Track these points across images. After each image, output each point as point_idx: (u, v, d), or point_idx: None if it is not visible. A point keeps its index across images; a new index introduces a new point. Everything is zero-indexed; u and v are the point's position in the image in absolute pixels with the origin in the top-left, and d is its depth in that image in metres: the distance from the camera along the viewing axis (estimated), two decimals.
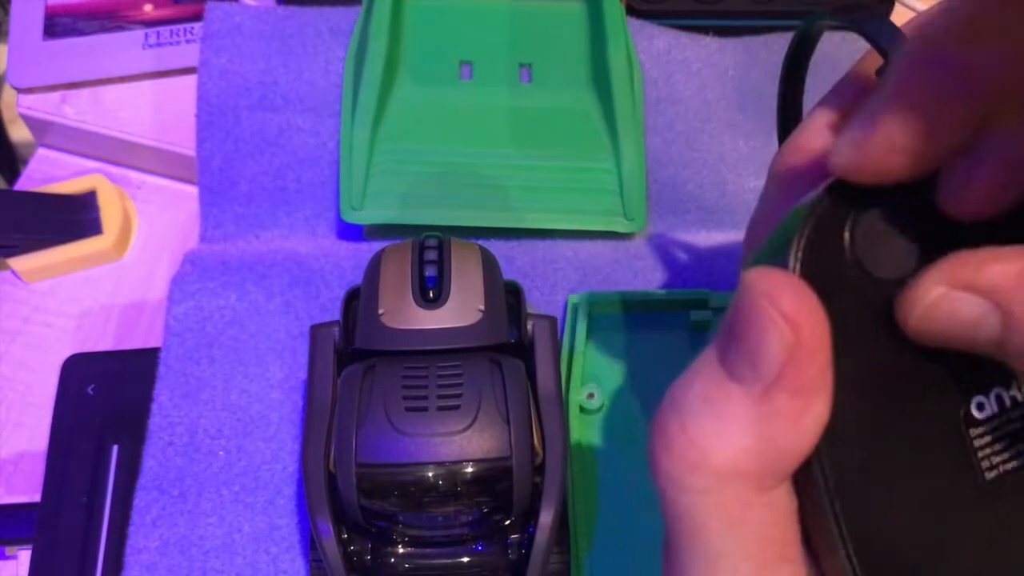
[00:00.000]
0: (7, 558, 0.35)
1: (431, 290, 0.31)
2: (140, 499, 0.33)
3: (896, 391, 0.18)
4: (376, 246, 0.33)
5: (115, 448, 0.35)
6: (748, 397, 0.16)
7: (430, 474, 0.28)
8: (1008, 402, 0.18)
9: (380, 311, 0.30)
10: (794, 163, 0.23)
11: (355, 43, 0.41)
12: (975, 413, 0.18)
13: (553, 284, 0.38)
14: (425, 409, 0.28)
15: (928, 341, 0.17)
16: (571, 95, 0.41)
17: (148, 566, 0.32)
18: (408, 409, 0.28)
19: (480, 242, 0.34)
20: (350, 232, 0.40)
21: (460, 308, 0.31)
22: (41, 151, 0.44)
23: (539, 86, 0.41)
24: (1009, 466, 0.18)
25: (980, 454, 0.18)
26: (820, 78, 0.28)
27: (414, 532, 0.30)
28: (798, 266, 0.17)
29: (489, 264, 0.32)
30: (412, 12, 0.42)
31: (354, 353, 0.31)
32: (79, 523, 0.34)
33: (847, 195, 0.18)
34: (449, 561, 0.30)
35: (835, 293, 0.17)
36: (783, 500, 0.17)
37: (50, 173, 0.43)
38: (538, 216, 0.39)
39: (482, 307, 0.31)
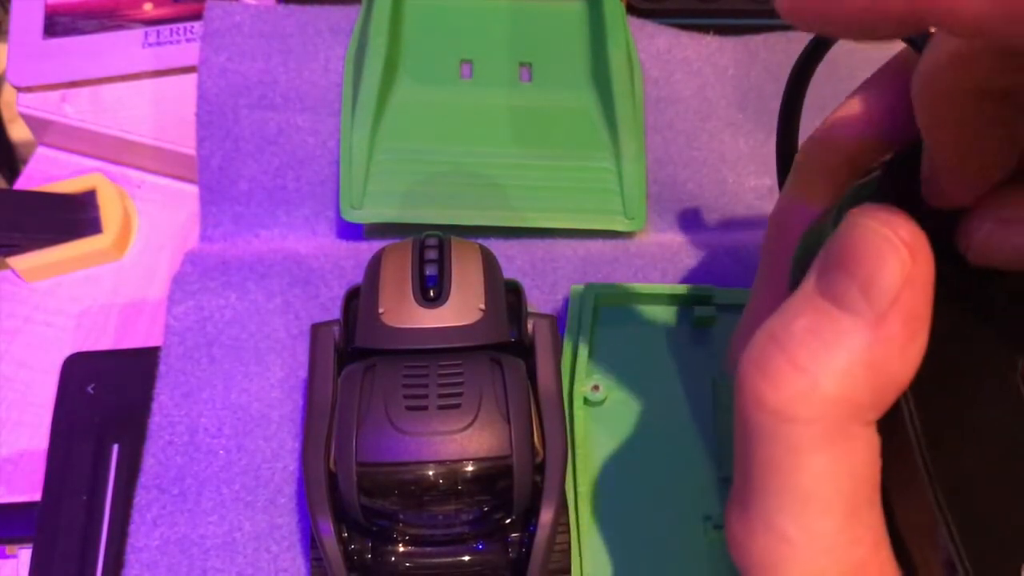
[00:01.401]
0: (7, 557, 0.35)
1: (431, 289, 0.31)
2: (140, 498, 0.33)
3: (958, 343, 0.18)
4: (376, 245, 0.33)
5: (115, 447, 0.35)
6: (860, 325, 0.16)
7: (431, 473, 0.28)
8: None
9: (380, 310, 0.30)
10: (827, 152, 0.23)
11: (355, 42, 0.41)
12: None
13: (553, 283, 0.38)
14: (425, 408, 0.28)
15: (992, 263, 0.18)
16: (571, 94, 0.41)
17: (148, 565, 0.32)
18: (409, 408, 0.28)
19: (480, 241, 0.34)
20: (350, 231, 0.40)
21: (460, 307, 0.30)
22: (41, 150, 0.44)
23: (539, 85, 0.41)
24: None
25: None
26: (821, 78, 0.28)
27: (415, 531, 0.30)
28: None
29: (489, 263, 0.32)
30: (412, 11, 0.42)
31: (354, 352, 0.31)
32: (79, 523, 0.34)
33: (907, 163, 0.18)
34: (450, 560, 0.30)
35: None
36: (875, 438, 0.17)
37: (50, 172, 0.43)
38: (538, 215, 0.39)
39: (482, 306, 0.31)
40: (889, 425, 0.17)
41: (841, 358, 0.16)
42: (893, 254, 0.16)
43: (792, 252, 0.22)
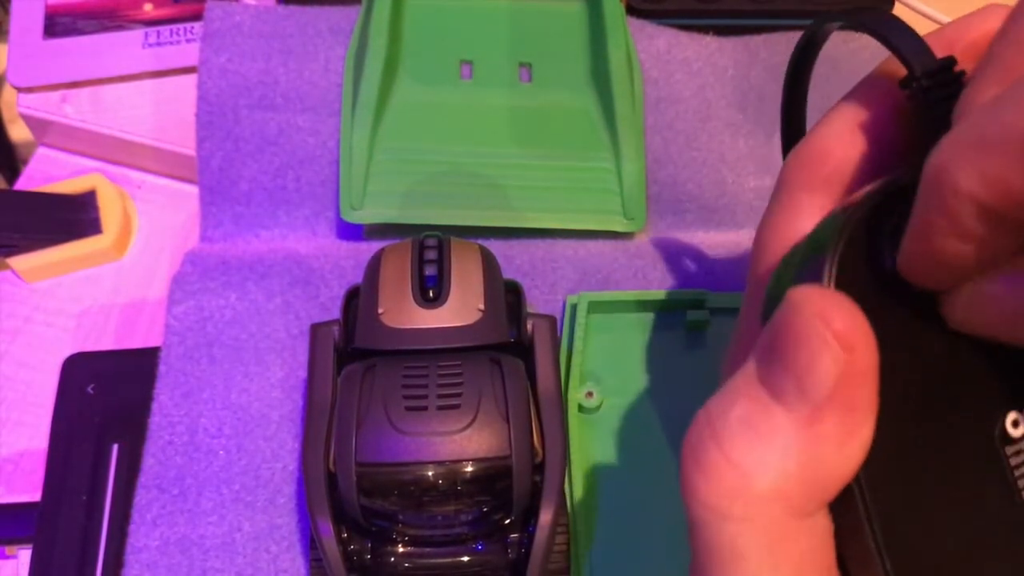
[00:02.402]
0: (7, 558, 0.35)
1: (431, 289, 0.31)
2: (140, 498, 0.33)
3: (929, 408, 0.17)
4: (376, 246, 0.33)
5: (115, 448, 0.35)
6: (794, 419, 0.16)
7: (430, 473, 0.28)
8: None
9: (380, 310, 0.30)
10: (809, 170, 0.22)
11: (355, 43, 0.41)
12: (1010, 430, 0.17)
13: (553, 283, 0.38)
14: (425, 408, 0.28)
15: (974, 333, 0.17)
16: (571, 95, 0.41)
17: (148, 565, 0.32)
18: (408, 408, 0.28)
19: (480, 242, 0.34)
20: (350, 232, 0.40)
21: (460, 307, 0.31)
22: (41, 151, 0.44)
23: (539, 86, 0.41)
24: None
25: (1016, 473, 0.17)
26: (821, 78, 0.28)
27: (414, 531, 0.30)
28: (834, 272, 0.17)
29: (489, 263, 0.32)
30: (412, 12, 0.42)
31: (354, 352, 0.31)
32: (79, 523, 0.34)
33: (885, 204, 0.17)
34: (449, 560, 0.30)
35: (871, 305, 0.16)
36: (822, 524, 0.16)
37: (50, 173, 0.43)
38: (538, 216, 0.39)
39: (482, 306, 0.31)
40: (843, 503, 0.16)
41: (775, 455, 0.16)
42: (826, 350, 0.15)
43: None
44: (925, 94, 0.19)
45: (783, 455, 0.16)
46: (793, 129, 0.27)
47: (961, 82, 0.19)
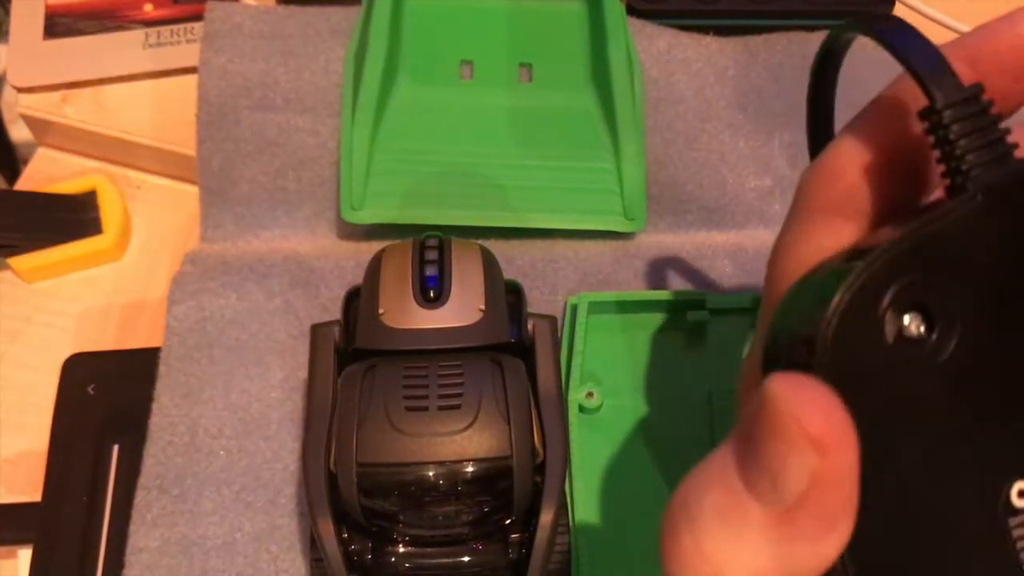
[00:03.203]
0: (7, 558, 0.35)
1: (431, 290, 0.31)
2: (141, 499, 0.33)
3: (929, 478, 0.16)
4: (376, 246, 0.33)
5: (115, 448, 0.35)
6: (767, 516, 0.15)
7: (430, 473, 0.28)
8: None
9: (380, 311, 0.30)
10: (824, 189, 0.21)
11: (355, 43, 0.41)
12: (1016, 501, 0.17)
13: (553, 284, 0.38)
14: (426, 408, 0.28)
15: None
16: (571, 95, 0.41)
17: (149, 566, 0.32)
18: (408, 408, 0.28)
19: (480, 241, 0.34)
20: (350, 232, 0.40)
21: (460, 308, 0.31)
22: (41, 151, 0.44)
23: (539, 86, 0.41)
24: None
25: (1020, 545, 0.16)
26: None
27: (415, 531, 0.30)
28: (828, 343, 0.16)
29: (489, 263, 0.32)
30: (412, 12, 0.42)
31: (354, 353, 0.31)
32: (79, 523, 0.34)
33: (888, 263, 0.16)
34: (449, 560, 0.30)
35: (869, 375, 0.16)
36: None
37: (50, 173, 0.43)
38: (538, 216, 0.39)
39: (482, 307, 0.31)
40: None
41: (747, 551, 0.15)
42: (797, 454, 0.15)
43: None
44: (945, 129, 0.17)
45: (755, 551, 0.15)
46: (820, 140, 0.25)
47: (988, 114, 0.17)
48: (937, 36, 0.19)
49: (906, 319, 0.16)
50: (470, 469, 0.28)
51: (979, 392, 0.17)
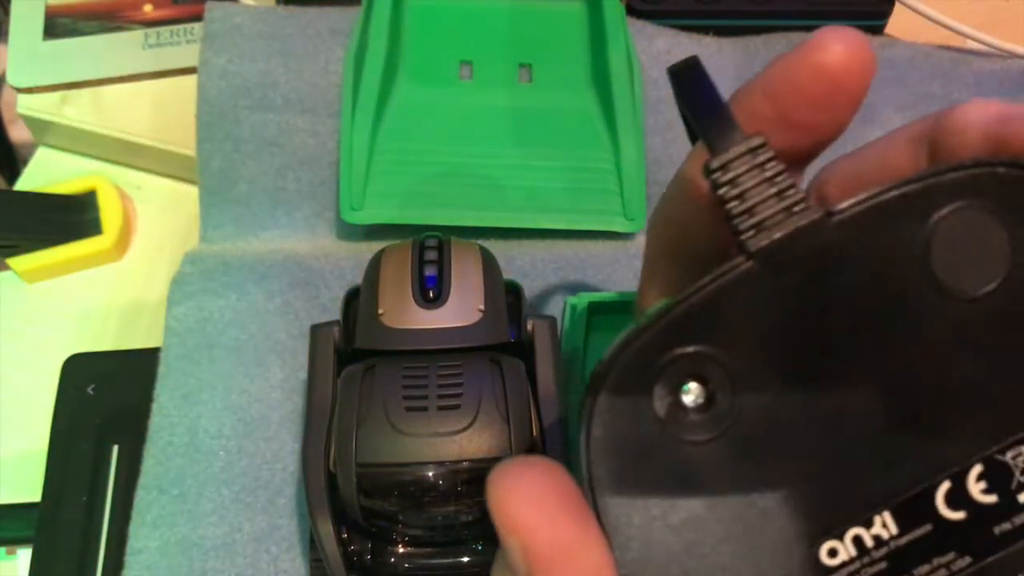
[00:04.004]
0: (7, 558, 0.35)
1: (431, 290, 0.31)
2: (140, 499, 0.33)
3: (719, 556, 0.16)
4: (376, 246, 0.33)
5: (115, 448, 0.35)
6: None
7: (430, 474, 0.28)
8: (870, 541, 0.16)
9: (380, 311, 0.30)
10: (666, 230, 0.21)
11: (355, 43, 0.41)
12: (825, 560, 0.16)
13: (553, 284, 0.38)
14: (425, 409, 0.28)
15: None
16: (571, 95, 0.41)
17: (148, 566, 0.32)
18: (408, 409, 0.28)
19: (480, 242, 0.34)
20: (350, 232, 0.40)
21: (460, 308, 0.30)
22: (41, 151, 0.44)
23: (539, 86, 0.41)
24: None
25: None
26: None
27: (414, 532, 0.30)
28: (600, 409, 0.16)
29: (489, 264, 0.32)
30: (412, 12, 0.42)
31: (354, 353, 0.31)
32: (79, 523, 0.34)
33: (659, 333, 0.16)
34: (449, 561, 0.30)
35: (643, 446, 0.15)
36: None
37: (50, 173, 0.43)
38: (538, 216, 0.39)
39: (482, 307, 0.31)
40: None
41: None
42: (510, 539, 0.16)
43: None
44: (721, 189, 0.16)
45: None
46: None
47: (768, 168, 0.16)
48: (937, 36, 0.19)
49: (684, 389, 0.16)
50: (469, 469, 0.28)
51: (768, 457, 0.16)
